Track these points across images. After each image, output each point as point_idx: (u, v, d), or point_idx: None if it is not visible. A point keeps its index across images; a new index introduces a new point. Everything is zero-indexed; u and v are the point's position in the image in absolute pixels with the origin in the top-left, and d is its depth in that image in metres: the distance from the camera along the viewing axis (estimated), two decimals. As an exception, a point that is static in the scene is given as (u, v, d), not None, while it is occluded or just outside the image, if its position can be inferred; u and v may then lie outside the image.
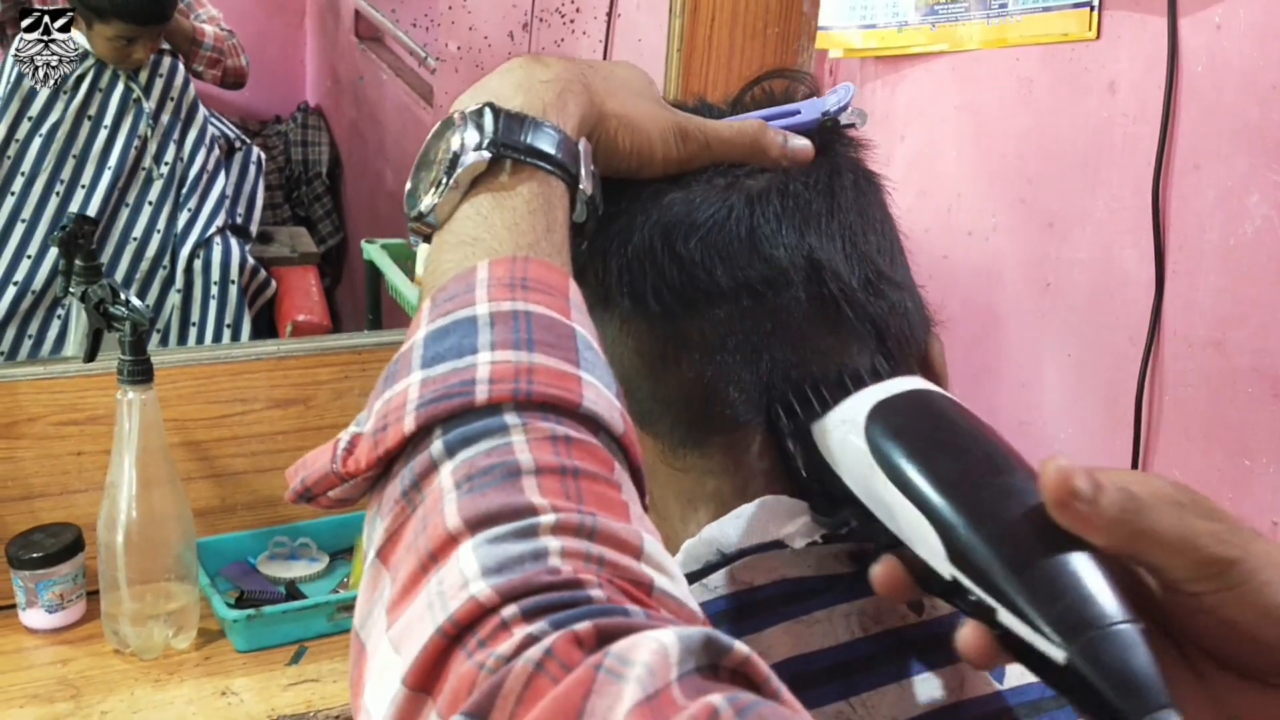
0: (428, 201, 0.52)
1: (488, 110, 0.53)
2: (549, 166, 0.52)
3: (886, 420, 0.48)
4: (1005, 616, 0.42)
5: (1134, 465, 1.37)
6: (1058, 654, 0.41)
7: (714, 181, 0.59)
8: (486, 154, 0.52)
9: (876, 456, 0.47)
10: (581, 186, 0.54)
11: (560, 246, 0.51)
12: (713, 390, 0.56)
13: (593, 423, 0.43)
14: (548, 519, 0.39)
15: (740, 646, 0.35)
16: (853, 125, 0.63)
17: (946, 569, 0.44)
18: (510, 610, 0.36)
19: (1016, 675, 0.53)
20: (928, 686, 0.52)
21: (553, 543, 0.38)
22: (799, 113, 0.62)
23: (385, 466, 0.43)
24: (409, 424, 0.42)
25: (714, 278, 0.56)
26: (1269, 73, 1.21)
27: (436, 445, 0.42)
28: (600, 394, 0.44)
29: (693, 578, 0.54)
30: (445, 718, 0.34)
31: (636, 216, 0.58)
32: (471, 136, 0.52)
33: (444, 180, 0.52)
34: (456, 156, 0.52)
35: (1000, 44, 1.48)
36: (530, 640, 0.35)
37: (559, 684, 0.33)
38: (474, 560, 0.37)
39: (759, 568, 0.53)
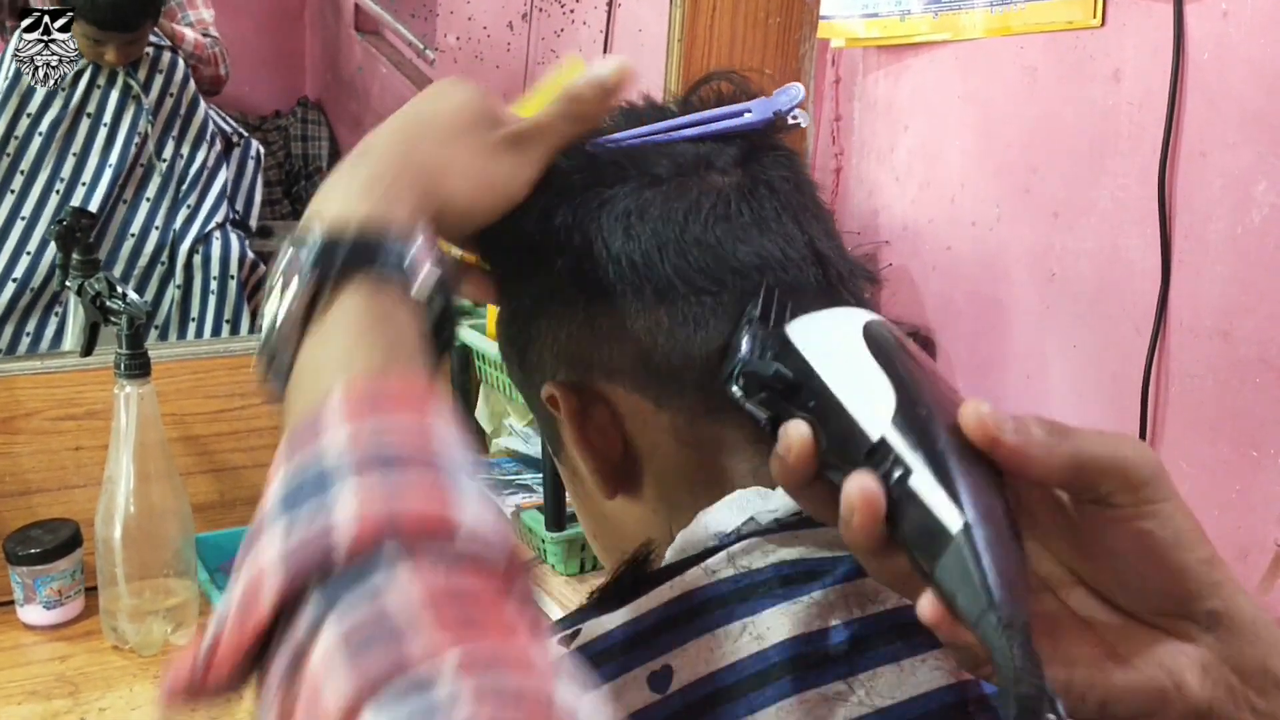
0: (266, 353, 0.49)
1: (309, 234, 0.50)
2: (377, 274, 0.49)
3: (879, 328, 0.51)
4: (919, 478, 0.43)
5: (1140, 457, 1.36)
6: (956, 520, 0.41)
7: (695, 177, 0.61)
8: (307, 282, 0.49)
9: (868, 342, 0.49)
10: (418, 282, 0.50)
11: (411, 353, 0.48)
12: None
13: (476, 539, 0.39)
14: (451, 657, 0.34)
15: None
16: (798, 125, 0.64)
17: (879, 429, 0.45)
18: None
19: None
20: (926, 666, 0.52)
21: (463, 685, 0.33)
22: (749, 111, 0.62)
23: (260, 648, 0.38)
24: (271, 594, 0.37)
25: (737, 256, 0.58)
26: (1275, 59, 1.20)
27: (309, 610, 0.36)
28: (476, 505, 0.40)
29: (692, 562, 0.54)
30: None
31: (629, 206, 0.60)
32: (292, 267, 0.49)
33: (275, 318, 0.49)
34: (283, 287, 0.49)
35: (1004, 32, 1.47)
36: None
37: None
38: None
39: (756, 551, 0.54)
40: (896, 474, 0.43)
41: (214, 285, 2.24)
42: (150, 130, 2.20)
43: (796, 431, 0.47)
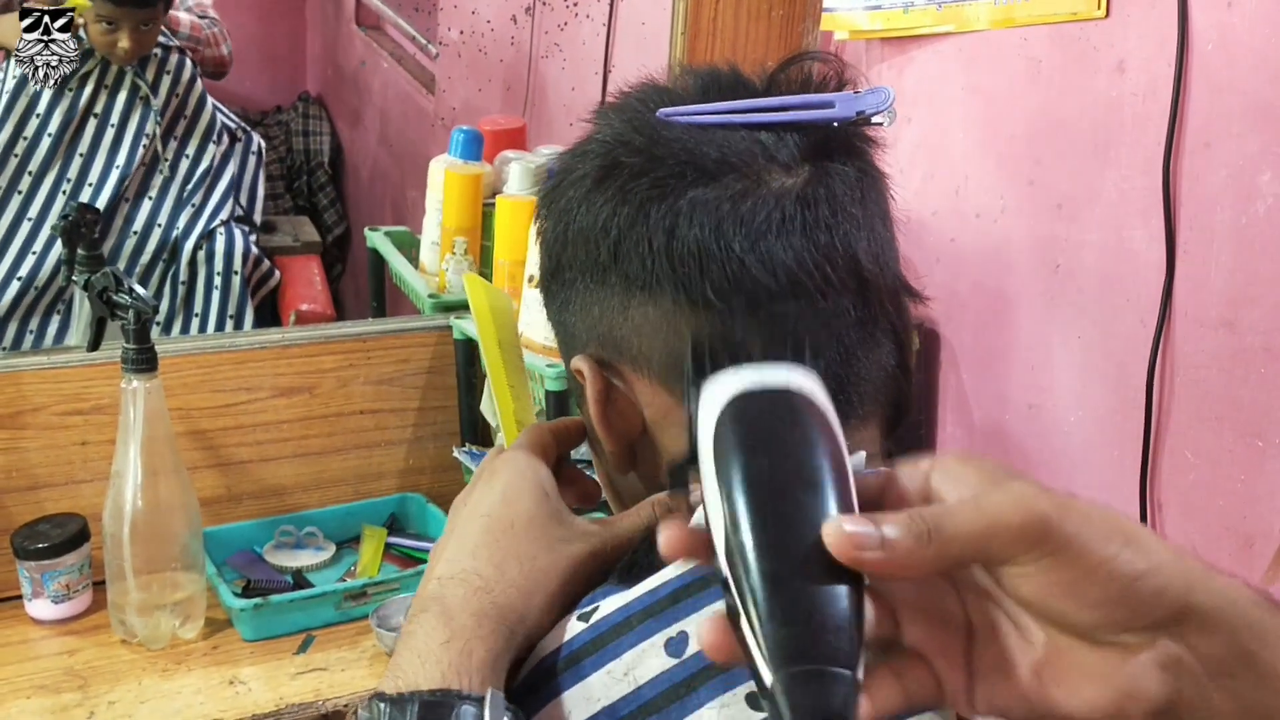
0: None
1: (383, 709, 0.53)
2: None
3: (743, 406, 0.45)
4: (743, 624, 0.40)
5: (1145, 448, 1.36)
6: (767, 676, 0.39)
7: (751, 177, 0.59)
8: None
9: (716, 438, 0.44)
10: None
11: None
12: None
13: None
14: None
15: None
16: (881, 124, 0.62)
17: (722, 563, 0.42)
18: None
19: None
20: None
21: None
22: (833, 106, 0.60)
23: None
24: None
25: (773, 277, 0.57)
26: (1281, 49, 1.20)
27: None
28: None
29: None
30: None
31: (678, 207, 0.58)
32: None
33: None
34: None
35: (1008, 24, 1.47)
36: None
37: None
38: None
39: None
40: (734, 615, 0.41)
41: (218, 280, 2.25)
42: (158, 131, 2.20)
43: (665, 542, 0.44)
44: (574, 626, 0.55)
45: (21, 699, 1.21)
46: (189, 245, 2.22)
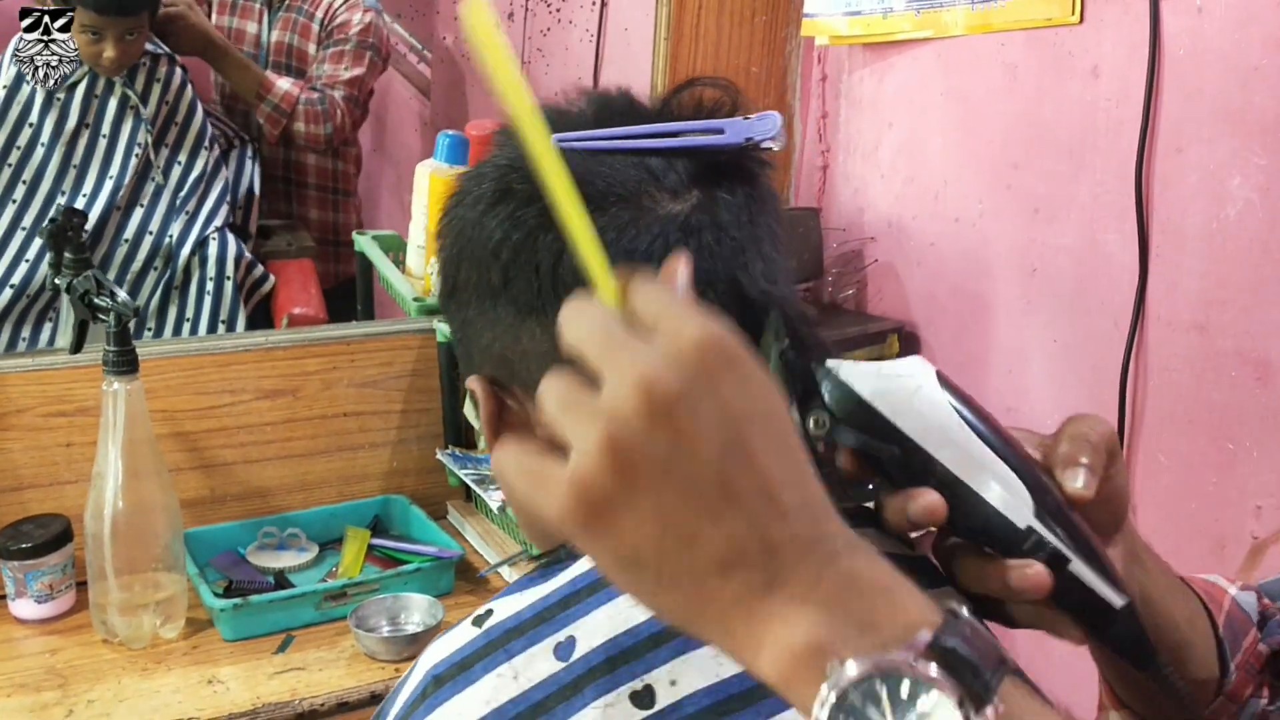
0: None
1: (927, 655, 0.40)
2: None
3: (952, 388, 0.54)
4: (1079, 566, 0.52)
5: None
6: (1119, 600, 0.53)
7: (636, 206, 0.58)
8: (996, 705, 0.40)
9: (963, 416, 0.53)
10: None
11: None
12: None
13: None
14: None
15: None
16: (771, 149, 0.61)
17: (1026, 519, 0.52)
18: None
19: None
20: None
21: None
22: (723, 132, 0.60)
23: None
24: None
25: None
26: (1250, 55, 1.21)
27: None
28: None
29: None
30: None
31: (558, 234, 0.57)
32: (948, 695, 0.40)
33: None
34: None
35: (985, 29, 1.48)
36: None
37: None
38: None
39: None
40: (1058, 560, 0.52)
41: (210, 286, 2.26)
42: (149, 140, 2.21)
43: (934, 505, 0.52)
44: (468, 632, 0.56)
45: (2, 697, 1.22)
46: (184, 253, 2.23)
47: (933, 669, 0.39)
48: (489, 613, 0.57)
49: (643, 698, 0.51)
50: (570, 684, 0.52)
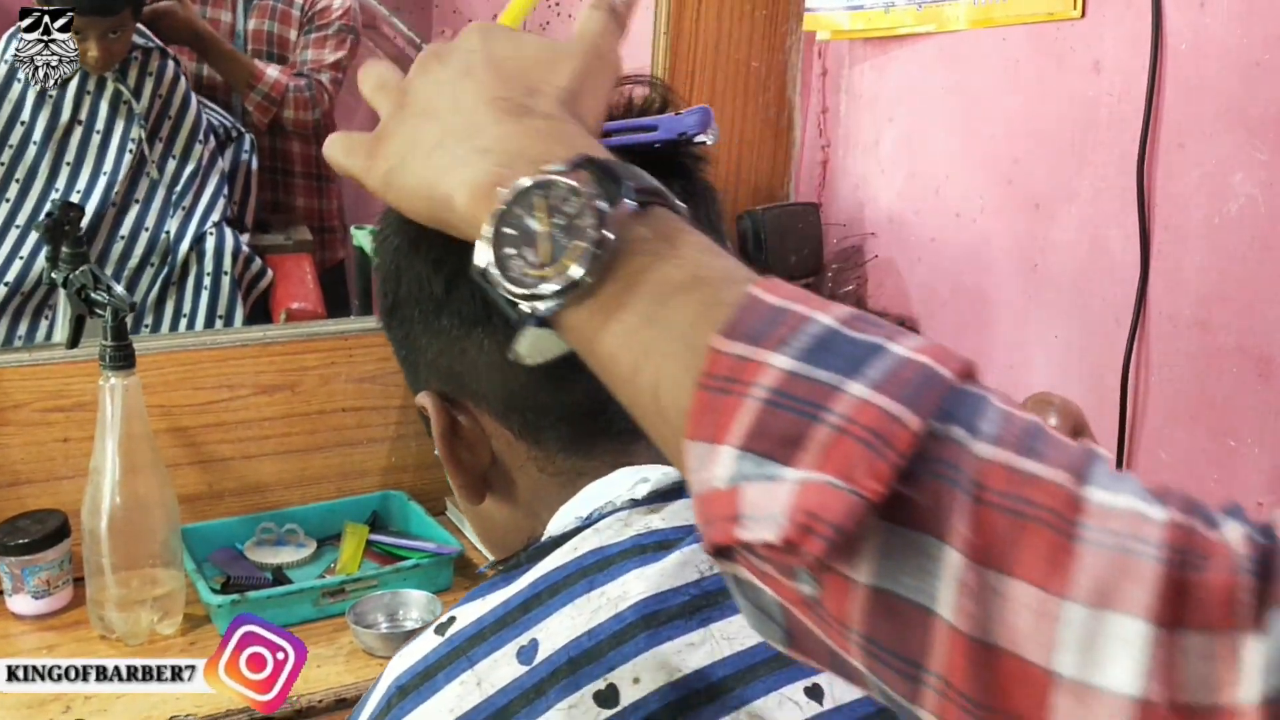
0: (575, 270, 0.44)
1: (581, 168, 0.45)
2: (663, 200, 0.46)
3: None
4: None
5: (1120, 446, 1.37)
6: None
7: None
8: (632, 203, 0.44)
9: None
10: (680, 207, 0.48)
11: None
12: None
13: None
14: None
15: None
16: (705, 143, 0.60)
17: None
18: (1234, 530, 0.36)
19: None
20: None
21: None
22: (655, 128, 0.59)
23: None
24: (910, 420, 0.38)
25: None
26: (1252, 50, 1.20)
27: (958, 430, 0.39)
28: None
29: (557, 542, 0.57)
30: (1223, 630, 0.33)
31: None
32: (589, 193, 0.44)
33: (587, 245, 0.44)
34: (599, 215, 0.44)
35: (987, 23, 1.47)
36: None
37: None
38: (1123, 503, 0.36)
39: (616, 525, 0.57)
40: None
41: (207, 281, 2.25)
42: (143, 135, 2.20)
43: None
44: (431, 640, 0.56)
45: (-1, 694, 1.21)
46: (182, 248, 2.22)
47: (582, 176, 0.44)
48: (451, 620, 0.56)
49: (606, 697, 0.51)
50: (533, 687, 0.52)
